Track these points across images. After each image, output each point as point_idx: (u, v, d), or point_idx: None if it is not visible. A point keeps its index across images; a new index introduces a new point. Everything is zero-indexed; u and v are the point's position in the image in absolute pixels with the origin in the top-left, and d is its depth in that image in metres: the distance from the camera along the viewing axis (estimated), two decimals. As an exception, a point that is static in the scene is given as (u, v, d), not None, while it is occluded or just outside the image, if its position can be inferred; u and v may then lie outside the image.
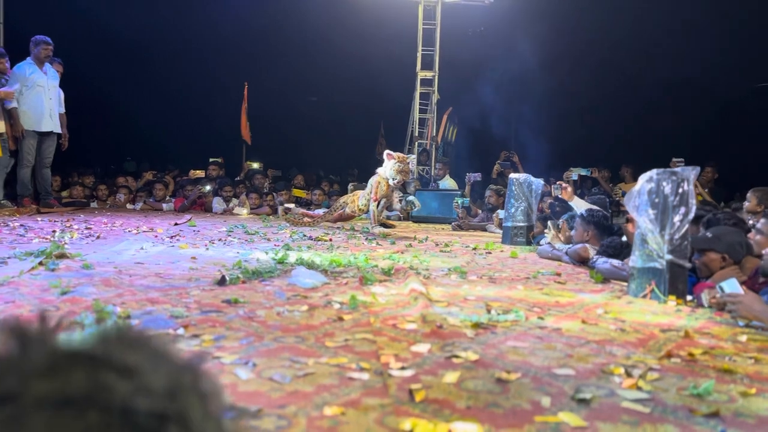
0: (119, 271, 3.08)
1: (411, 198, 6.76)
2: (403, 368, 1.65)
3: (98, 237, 4.81)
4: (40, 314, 0.48)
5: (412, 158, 6.14)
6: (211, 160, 10.56)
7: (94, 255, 3.67)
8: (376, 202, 6.38)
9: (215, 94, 12.41)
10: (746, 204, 4.85)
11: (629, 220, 3.95)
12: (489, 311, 2.43)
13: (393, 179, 6.19)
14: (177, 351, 0.49)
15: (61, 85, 7.91)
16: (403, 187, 9.51)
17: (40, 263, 3.11)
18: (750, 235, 3.35)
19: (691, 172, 2.93)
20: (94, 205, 9.24)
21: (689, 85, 11.59)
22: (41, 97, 7.47)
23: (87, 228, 5.51)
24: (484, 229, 7.55)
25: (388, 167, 6.17)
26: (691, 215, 2.91)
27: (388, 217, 7.49)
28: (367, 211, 6.56)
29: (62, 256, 3.37)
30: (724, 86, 11.53)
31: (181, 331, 1.95)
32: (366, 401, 1.41)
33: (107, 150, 12.93)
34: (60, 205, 8.25)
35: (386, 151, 6.32)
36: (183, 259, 3.72)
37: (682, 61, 11.22)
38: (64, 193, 9.37)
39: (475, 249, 5.14)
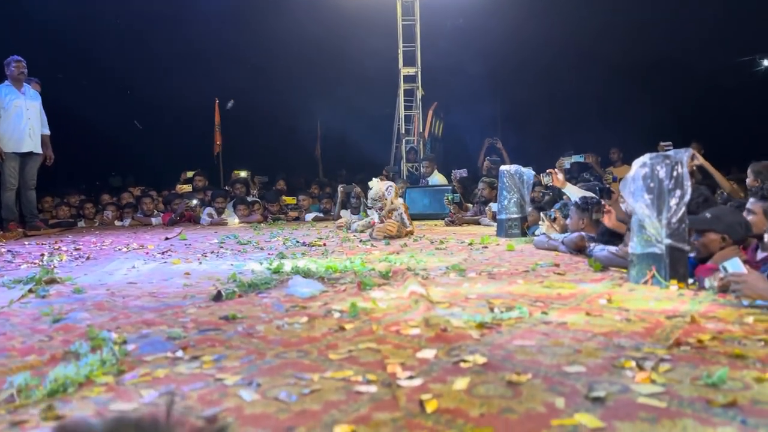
0: (112, 293, 3.02)
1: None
2: (411, 377, 1.60)
3: (88, 258, 4.74)
4: None
5: (375, 182, 6.35)
6: (189, 173, 10.45)
7: (85, 277, 3.60)
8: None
9: (195, 105, 12.30)
10: (748, 180, 4.83)
11: (606, 212, 3.94)
12: (492, 309, 2.39)
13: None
14: None
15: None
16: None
17: (30, 290, 3.04)
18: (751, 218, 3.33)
19: (684, 155, 2.91)
20: (81, 224, 9.14)
21: (669, 63, 11.63)
22: (20, 118, 7.37)
23: (76, 249, 5.43)
24: (478, 223, 7.53)
25: None
26: (687, 198, 2.89)
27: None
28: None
29: (52, 281, 3.30)
30: (703, 63, 11.58)
31: (180, 353, 1.89)
32: (376, 416, 1.36)
33: (90, 167, 12.80)
34: (47, 227, 8.14)
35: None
36: (176, 275, 3.66)
37: (660, 40, 11.26)
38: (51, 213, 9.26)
39: (470, 244, 5.11)
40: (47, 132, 7.78)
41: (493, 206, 6.76)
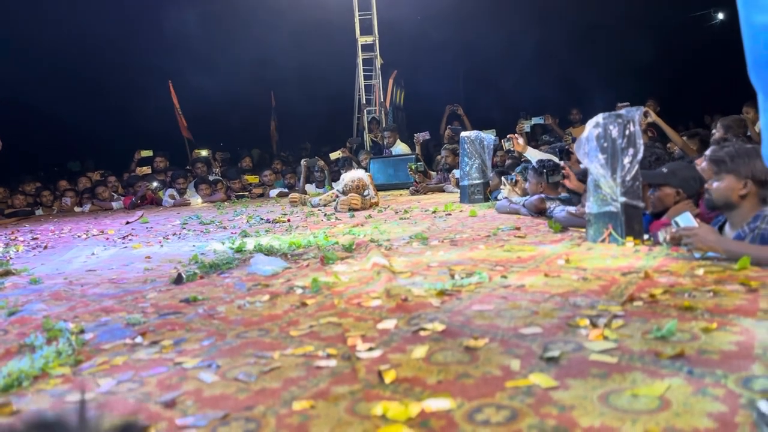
0: (70, 282, 2.96)
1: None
2: (370, 349, 1.61)
3: (46, 247, 4.63)
4: None
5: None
6: (143, 153, 10.19)
7: (42, 267, 3.53)
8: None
9: (149, 85, 11.95)
10: (714, 133, 4.86)
11: (565, 177, 3.99)
12: (453, 276, 2.41)
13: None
14: None
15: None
16: (355, 156, 9.45)
17: (-16, 284, 2.97)
18: (698, 161, 3.41)
19: (636, 113, 2.95)
20: (39, 212, 8.90)
21: (625, 21, 11.69)
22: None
23: (33, 238, 5.30)
24: (443, 191, 7.56)
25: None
26: (640, 155, 2.94)
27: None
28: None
29: (7, 273, 3.22)
30: (659, 19, 11.68)
31: (139, 339, 1.87)
32: (335, 390, 1.37)
33: (47, 154, 12.41)
34: (3, 217, 7.92)
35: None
36: (137, 260, 3.60)
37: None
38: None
39: (434, 212, 5.14)
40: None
41: (457, 173, 6.79)
